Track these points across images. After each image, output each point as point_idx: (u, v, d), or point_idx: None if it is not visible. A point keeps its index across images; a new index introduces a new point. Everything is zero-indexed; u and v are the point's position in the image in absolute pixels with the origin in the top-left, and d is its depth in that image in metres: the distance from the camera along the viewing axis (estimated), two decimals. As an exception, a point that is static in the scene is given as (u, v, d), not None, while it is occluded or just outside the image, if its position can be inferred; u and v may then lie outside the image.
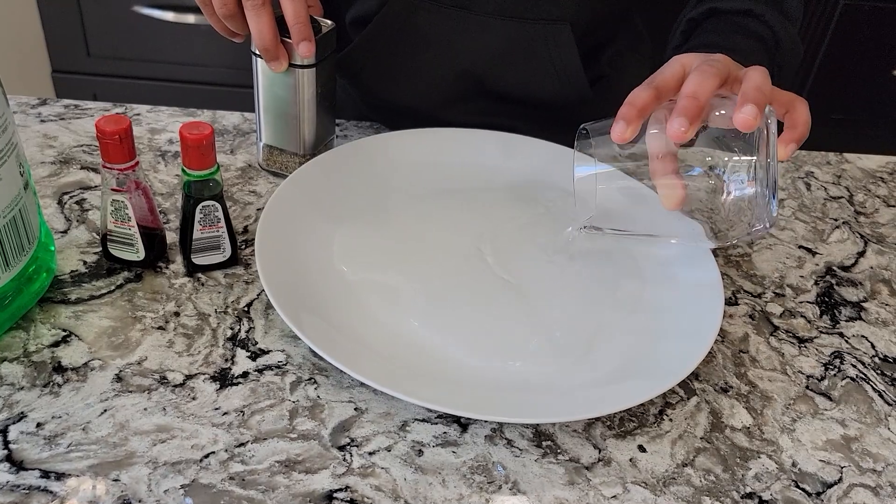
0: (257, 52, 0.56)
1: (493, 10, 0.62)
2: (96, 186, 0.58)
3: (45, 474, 0.38)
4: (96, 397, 0.43)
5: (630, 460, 0.43)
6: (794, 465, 0.44)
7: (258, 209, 0.58)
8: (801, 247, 0.62)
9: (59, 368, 0.44)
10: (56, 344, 0.46)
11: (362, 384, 0.45)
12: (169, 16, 1.56)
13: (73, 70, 1.63)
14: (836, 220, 0.66)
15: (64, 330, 0.47)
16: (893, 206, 0.69)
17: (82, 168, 0.60)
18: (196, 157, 0.48)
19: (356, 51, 0.66)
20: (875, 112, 1.79)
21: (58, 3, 1.54)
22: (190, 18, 1.56)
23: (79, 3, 1.55)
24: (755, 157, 0.46)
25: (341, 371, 0.45)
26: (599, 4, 0.65)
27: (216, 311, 0.49)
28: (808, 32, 1.67)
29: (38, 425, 0.41)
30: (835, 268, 0.61)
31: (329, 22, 0.57)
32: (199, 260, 0.52)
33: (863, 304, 0.57)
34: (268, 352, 0.47)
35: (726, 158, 0.47)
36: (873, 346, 0.53)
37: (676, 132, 0.44)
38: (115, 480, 0.38)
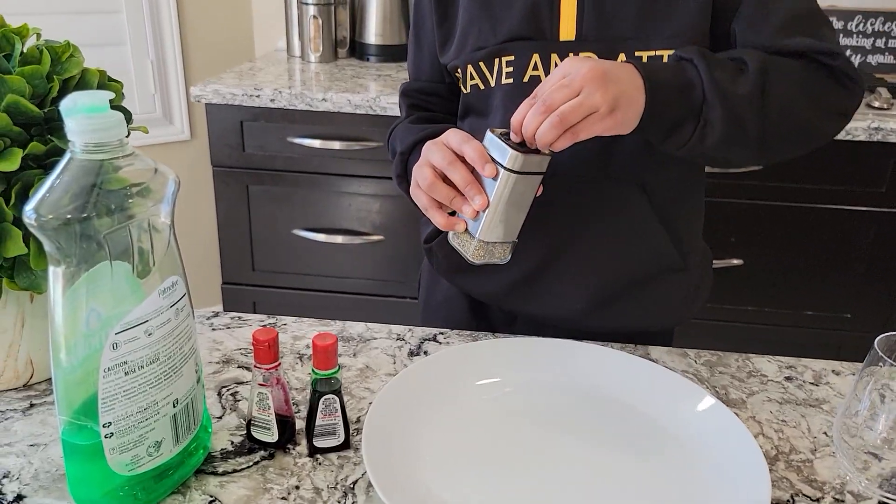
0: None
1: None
2: (248, 381, 0.73)
3: None
4: (228, 552, 0.53)
5: None
6: None
7: (370, 403, 0.70)
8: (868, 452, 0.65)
9: (204, 526, 0.56)
10: (204, 507, 0.58)
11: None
12: (321, 237, 1.84)
13: (240, 282, 1.93)
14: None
15: (211, 496, 0.59)
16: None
17: (239, 367, 0.76)
18: (322, 359, 0.62)
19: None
20: None
21: (234, 227, 1.87)
22: (338, 239, 1.84)
23: (250, 227, 1.88)
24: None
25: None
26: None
27: (328, 487, 0.60)
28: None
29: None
30: (905, 477, 0.62)
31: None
32: (318, 443, 0.64)
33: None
34: (365, 524, 0.56)
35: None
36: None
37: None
38: None
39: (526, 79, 0.78)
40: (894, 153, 1.61)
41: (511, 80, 0.79)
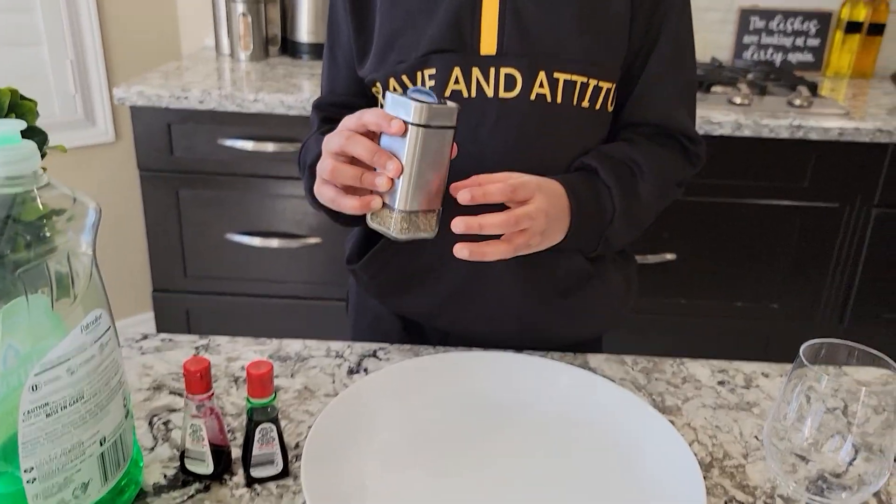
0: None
1: None
2: (180, 409, 0.71)
3: None
4: None
5: None
6: None
7: (309, 426, 0.69)
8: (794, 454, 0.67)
9: (137, 569, 0.53)
10: (136, 547, 0.55)
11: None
12: (255, 241, 1.80)
13: (171, 289, 1.87)
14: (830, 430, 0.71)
15: (143, 535, 0.57)
16: (881, 414, 0.73)
17: (171, 393, 0.73)
18: (258, 388, 0.60)
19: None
20: (926, 308, 1.81)
21: (164, 233, 1.81)
22: (273, 243, 1.80)
23: (181, 232, 1.82)
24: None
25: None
26: None
27: (267, 519, 0.58)
28: (846, 240, 1.76)
29: None
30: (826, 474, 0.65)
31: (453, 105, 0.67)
32: (256, 473, 0.62)
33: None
34: (307, 556, 0.55)
35: None
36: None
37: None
38: None
39: (447, 93, 0.78)
40: (815, 149, 1.68)
41: None
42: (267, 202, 1.79)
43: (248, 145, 1.70)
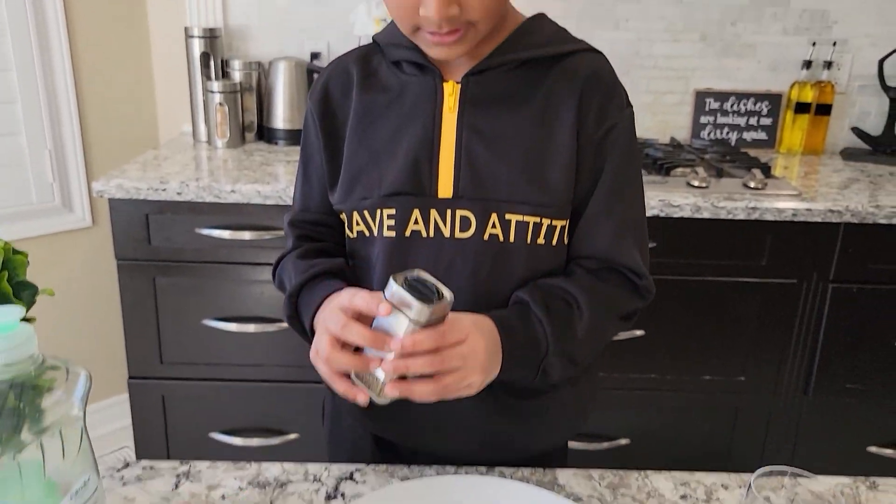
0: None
1: None
2: (162, 542, 0.73)
3: None
4: None
5: None
6: None
7: (289, 560, 0.71)
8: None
9: None
10: None
11: None
12: (232, 326, 1.82)
13: (147, 376, 1.87)
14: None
15: None
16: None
17: (153, 526, 0.75)
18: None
19: None
20: (886, 379, 1.88)
21: (140, 319, 1.82)
22: (250, 328, 1.82)
23: (157, 319, 1.83)
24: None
25: None
26: None
27: None
28: (805, 314, 1.83)
29: None
30: None
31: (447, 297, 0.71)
32: None
33: None
34: None
35: None
36: None
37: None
38: None
39: (407, 233, 0.83)
40: (770, 229, 1.76)
41: (393, 234, 0.84)
42: (244, 288, 1.81)
43: (225, 234, 1.74)
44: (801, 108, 2.19)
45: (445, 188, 0.83)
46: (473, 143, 0.82)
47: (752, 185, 1.80)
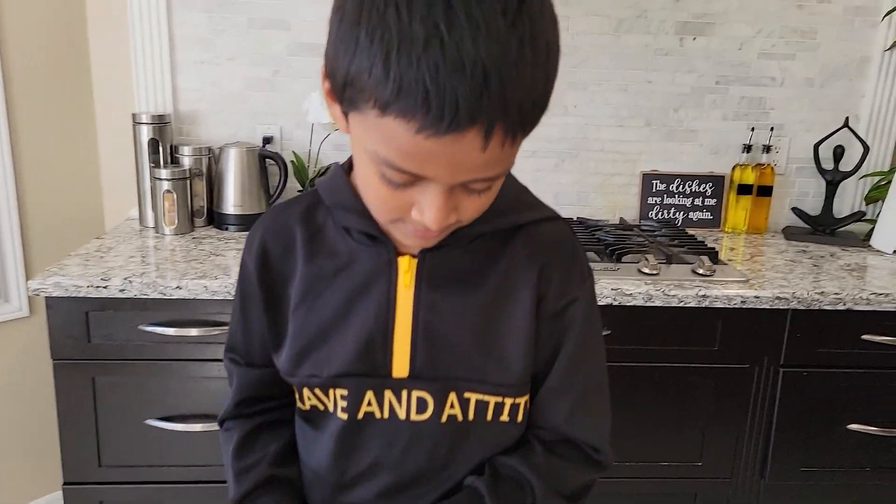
0: None
1: None
2: None
3: None
4: None
5: None
6: None
7: None
8: None
9: None
10: None
11: None
12: (177, 426, 1.74)
13: (84, 481, 1.77)
14: None
15: None
16: None
17: None
18: None
19: None
20: (839, 459, 1.90)
21: (77, 421, 1.73)
22: (196, 427, 1.74)
23: (96, 421, 1.74)
24: None
25: None
26: None
27: None
28: (758, 398, 1.85)
29: None
30: None
31: None
32: None
33: None
34: None
35: None
36: None
37: None
38: None
39: (360, 415, 0.79)
40: (720, 316, 1.78)
41: (346, 416, 0.79)
42: (190, 385, 1.74)
43: (169, 331, 1.68)
44: (743, 189, 2.26)
45: (401, 367, 0.77)
46: (431, 320, 0.77)
47: (700, 271, 1.83)
